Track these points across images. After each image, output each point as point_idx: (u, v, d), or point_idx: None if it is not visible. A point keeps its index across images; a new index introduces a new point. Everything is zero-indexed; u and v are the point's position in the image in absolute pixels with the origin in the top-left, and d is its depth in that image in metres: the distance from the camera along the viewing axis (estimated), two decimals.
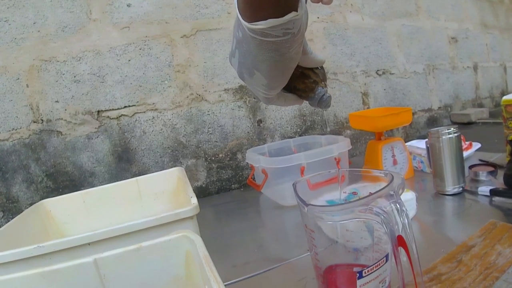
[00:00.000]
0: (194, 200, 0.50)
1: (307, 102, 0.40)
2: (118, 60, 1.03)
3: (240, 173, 1.17)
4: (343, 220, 0.34)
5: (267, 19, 0.27)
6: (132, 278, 0.38)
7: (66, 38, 0.99)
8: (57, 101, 0.99)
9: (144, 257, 0.37)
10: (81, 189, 0.96)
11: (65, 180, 1.01)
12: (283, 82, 0.35)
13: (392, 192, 0.35)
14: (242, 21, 0.29)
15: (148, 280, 0.38)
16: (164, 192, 0.83)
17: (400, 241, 0.32)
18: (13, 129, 0.97)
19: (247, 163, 1.04)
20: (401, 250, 0.32)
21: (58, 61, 0.99)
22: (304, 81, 0.37)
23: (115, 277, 0.38)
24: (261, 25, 0.28)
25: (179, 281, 0.38)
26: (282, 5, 0.27)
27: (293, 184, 0.41)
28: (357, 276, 0.34)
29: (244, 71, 0.35)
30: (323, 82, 0.38)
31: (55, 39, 0.98)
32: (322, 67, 0.39)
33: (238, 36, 0.32)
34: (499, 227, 0.55)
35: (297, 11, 0.28)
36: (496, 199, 0.70)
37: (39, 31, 0.97)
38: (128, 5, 1.04)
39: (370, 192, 0.41)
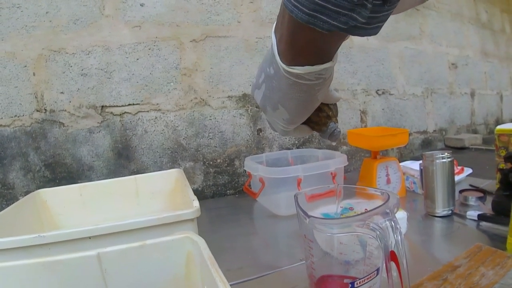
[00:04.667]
0: (196, 203, 0.51)
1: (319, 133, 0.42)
2: (127, 58, 1.05)
3: (236, 180, 1.19)
4: (340, 233, 0.36)
5: (304, 66, 0.30)
6: (133, 274, 0.39)
7: (77, 31, 1.00)
8: (62, 93, 1.00)
9: (147, 255, 0.38)
10: (78, 182, 0.97)
11: (62, 172, 1.01)
12: (304, 118, 0.37)
13: (388, 210, 0.37)
14: (280, 62, 0.31)
15: (149, 277, 0.39)
16: (161, 192, 0.84)
17: (392, 256, 0.34)
18: (15, 115, 0.97)
19: (244, 170, 1.05)
20: (392, 265, 0.34)
21: (67, 53, 1.00)
22: (318, 115, 0.39)
23: (116, 272, 0.38)
24: (298, 70, 0.30)
25: (178, 281, 0.39)
26: (321, 55, 0.30)
27: (294, 196, 0.43)
28: (349, 286, 0.36)
29: (268, 104, 0.37)
30: (335, 118, 0.40)
31: (66, 31, 0.99)
32: (335, 104, 0.41)
33: (269, 72, 0.34)
34: (484, 250, 0.58)
35: (332, 61, 0.31)
36: (483, 224, 0.72)
37: (50, 21, 0.98)
38: (141, 5, 1.06)
39: (365, 209, 0.43)
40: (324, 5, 0.23)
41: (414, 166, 1.04)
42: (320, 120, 0.39)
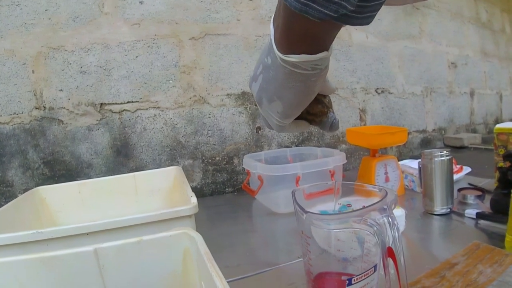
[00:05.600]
0: (194, 200, 0.51)
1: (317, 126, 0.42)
2: (126, 55, 1.04)
3: (235, 178, 1.19)
4: (337, 229, 0.36)
5: (300, 54, 0.30)
6: (130, 270, 0.39)
7: (76, 28, 1.00)
8: (61, 90, 1.00)
9: (144, 251, 0.38)
10: (77, 179, 0.97)
11: (61, 169, 1.01)
12: (299, 111, 0.37)
13: (385, 206, 0.37)
14: (276, 50, 0.31)
15: (146, 273, 0.39)
16: (160, 190, 0.84)
17: (389, 252, 0.34)
18: (14, 113, 0.97)
19: (243, 168, 1.05)
20: (390, 261, 0.34)
21: (66, 50, 1.00)
22: (317, 106, 0.39)
23: (114, 268, 0.38)
24: (294, 58, 0.30)
25: (175, 277, 0.39)
26: (316, 44, 0.30)
27: (292, 192, 0.43)
28: (346, 283, 0.36)
29: (264, 96, 0.37)
30: (331, 108, 0.41)
31: (65, 28, 0.99)
32: (329, 95, 0.42)
33: (266, 62, 0.34)
34: (482, 248, 0.58)
35: (328, 51, 0.31)
36: (482, 222, 0.72)
37: (50, 19, 0.98)
38: (141, 2, 1.06)
39: (363, 205, 0.43)
40: None
41: (413, 164, 1.04)
42: (319, 111, 0.40)
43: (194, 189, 1.13)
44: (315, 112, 0.40)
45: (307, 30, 0.28)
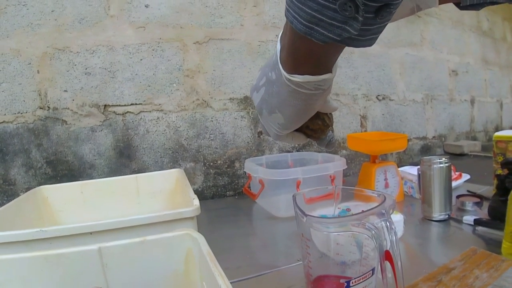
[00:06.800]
0: (196, 202, 0.52)
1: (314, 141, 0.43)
2: (130, 58, 1.06)
3: (236, 181, 1.19)
4: (336, 232, 0.36)
5: (304, 75, 0.31)
6: (133, 269, 0.39)
7: (82, 30, 1.02)
8: (65, 91, 1.01)
9: (147, 251, 0.39)
10: (79, 180, 0.98)
11: (64, 169, 1.02)
12: (298, 125, 0.39)
13: (383, 211, 0.38)
14: (282, 69, 0.32)
15: (148, 273, 0.40)
16: (162, 192, 0.85)
17: (387, 256, 0.35)
18: (18, 112, 0.98)
19: (244, 171, 1.06)
20: (387, 265, 0.35)
21: (71, 52, 1.01)
22: (318, 123, 0.40)
23: (117, 266, 0.39)
24: (298, 78, 0.31)
25: (177, 277, 0.40)
26: (320, 65, 0.31)
27: (293, 196, 0.44)
28: (344, 286, 0.37)
29: (265, 107, 0.38)
30: (331, 127, 0.42)
31: (71, 30, 1.01)
32: (331, 113, 0.42)
33: (271, 77, 0.35)
34: (479, 253, 0.59)
35: (331, 72, 0.32)
36: (479, 228, 0.73)
37: (56, 20, 0.99)
38: (146, 6, 1.07)
39: (362, 210, 0.44)
40: (320, 18, 0.24)
41: (412, 171, 1.04)
42: (319, 128, 0.41)
43: (195, 192, 1.13)
44: (315, 128, 0.41)
45: (311, 52, 0.29)
